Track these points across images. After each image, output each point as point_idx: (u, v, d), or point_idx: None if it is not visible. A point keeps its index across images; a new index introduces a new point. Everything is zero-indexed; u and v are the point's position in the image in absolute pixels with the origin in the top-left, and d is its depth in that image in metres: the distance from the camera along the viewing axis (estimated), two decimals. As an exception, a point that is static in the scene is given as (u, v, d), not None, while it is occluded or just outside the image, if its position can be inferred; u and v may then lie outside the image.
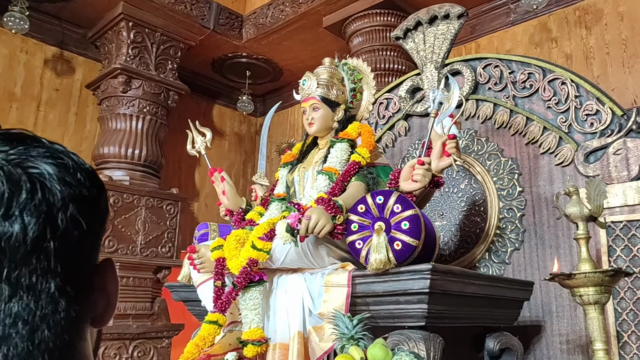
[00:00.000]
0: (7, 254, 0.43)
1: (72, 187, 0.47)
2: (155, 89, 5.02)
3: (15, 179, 0.45)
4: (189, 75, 5.86)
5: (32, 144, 0.48)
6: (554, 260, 1.71)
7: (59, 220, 0.46)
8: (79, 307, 0.48)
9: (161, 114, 5.14)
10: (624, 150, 2.10)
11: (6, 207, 0.43)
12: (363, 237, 1.65)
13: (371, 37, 4.80)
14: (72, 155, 0.49)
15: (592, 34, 3.92)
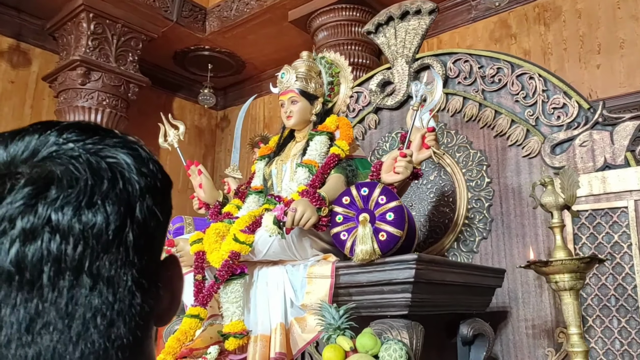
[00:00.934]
0: (90, 243, 0.41)
1: (147, 178, 0.47)
2: (115, 82, 4.89)
3: (96, 167, 0.44)
4: (149, 68, 5.74)
5: (106, 134, 0.47)
6: (530, 249, 1.77)
7: (138, 210, 0.45)
8: (152, 302, 0.46)
9: (121, 107, 5.02)
10: (590, 142, 2.20)
11: (89, 195, 0.42)
12: (348, 228, 1.68)
13: (336, 31, 4.83)
14: (144, 146, 0.49)
15: (550, 30, 4.07)
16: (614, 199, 2.08)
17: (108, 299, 0.42)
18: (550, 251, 2.23)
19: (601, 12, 3.83)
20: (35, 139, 0.44)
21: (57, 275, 0.40)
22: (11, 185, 0.41)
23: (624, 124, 2.13)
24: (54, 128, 0.45)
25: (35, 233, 0.40)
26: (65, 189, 0.41)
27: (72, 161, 0.43)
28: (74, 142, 0.45)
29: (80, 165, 0.43)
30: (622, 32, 3.70)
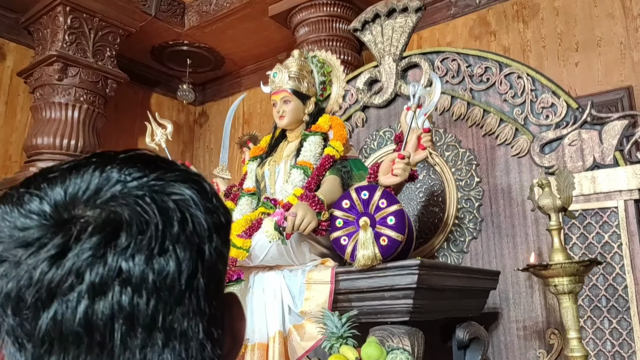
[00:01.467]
0: (163, 295, 0.38)
1: (213, 215, 0.44)
2: (93, 77, 4.77)
3: (164, 207, 0.40)
4: (126, 63, 5.61)
5: (167, 167, 0.44)
6: (531, 253, 1.79)
7: (207, 253, 0.42)
8: (219, 351, 0.43)
9: (99, 103, 4.89)
10: (579, 142, 2.23)
11: (161, 240, 0.39)
12: (348, 233, 1.66)
13: (317, 27, 4.79)
14: (205, 179, 0.46)
15: (529, 28, 4.12)
16: (604, 199, 2.11)
17: (180, 356, 0.39)
18: (541, 251, 2.28)
19: (578, 10, 3.88)
20: (97, 177, 0.41)
21: (129, 334, 0.37)
22: (77, 233, 0.38)
23: (612, 123, 2.17)
24: (114, 162, 0.42)
25: (105, 287, 0.37)
26: (135, 234, 0.38)
27: (139, 201, 0.40)
28: (138, 179, 0.41)
29: (147, 206, 0.40)
30: (598, 30, 3.76)
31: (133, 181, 0.41)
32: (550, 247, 2.23)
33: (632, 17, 3.60)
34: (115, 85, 5.09)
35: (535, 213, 2.31)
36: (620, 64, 3.62)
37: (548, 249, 2.25)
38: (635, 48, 3.57)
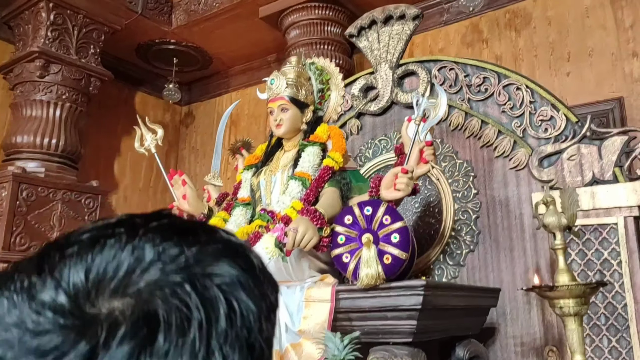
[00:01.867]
0: None
1: (264, 299, 0.37)
2: (76, 75, 4.64)
3: (208, 298, 0.34)
4: (111, 61, 5.46)
5: (205, 237, 0.37)
6: (534, 274, 1.76)
7: (257, 347, 0.35)
8: None
9: (81, 101, 4.76)
10: (578, 156, 2.21)
11: (206, 342, 0.32)
12: (350, 250, 1.61)
13: (309, 30, 4.73)
14: (249, 248, 0.39)
15: (521, 36, 4.11)
16: (603, 215, 2.09)
17: None
18: (539, 267, 2.25)
19: (571, 20, 3.89)
20: (127, 255, 0.34)
21: None
22: (105, 338, 0.31)
23: (612, 139, 2.15)
24: (145, 234, 0.35)
25: None
26: (175, 336, 0.32)
27: (178, 291, 0.33)
28: (175, 258, 0.34)
29: (188, 297, 0.33)
30: (590, 40, 3.77)
31: (170, 263, 0.34)
32: (548, 263, 2.22)
33: (624, 29, 3.61)
34: (98, 83, 4.97)
35: (533, 227, 2.28)
36: (612, 75, 3.63)
37: (546, 265, 2.23)
38: (626, 59, 3.58)
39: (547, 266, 2.23)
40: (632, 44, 3.55)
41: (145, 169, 6.16)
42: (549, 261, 2.22)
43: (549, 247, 1.73)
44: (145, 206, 6.10)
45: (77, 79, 4.65)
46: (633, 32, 3.56)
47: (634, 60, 3.53)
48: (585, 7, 3.80)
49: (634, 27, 3.56)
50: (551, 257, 2.21)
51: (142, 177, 6.13)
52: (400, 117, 2.80)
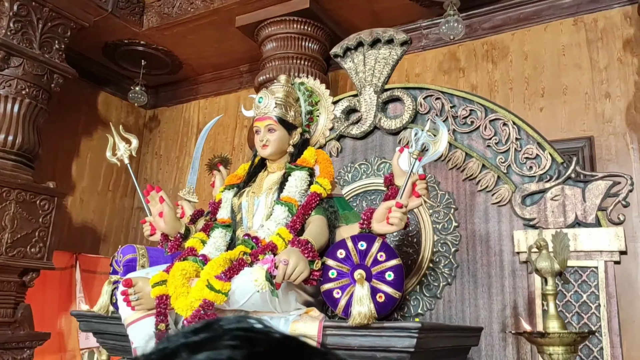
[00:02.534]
0: None
1: None
2: (38, 70, 4.40)
3: None
4: (74, 57, 5.22)
5: None
6: (522, 320, 1.73)
7: None
8: None
9: (42, 98, 4.52)
10: (562, 197, 2.21)
11: None
12: (342, 285, 1.54)
13: (286, 44, 4.67)
14: None
15: (497, 68, 4.18)
16: (584, 258, 2.10)
17: None
18: (516, 304, 2.23)
19: (547, 57, 3.98)
20: None
21: None
22: None
23: (596, 182, 2.17)
24: None
25: None
26: None
27: None
28: None
29: None
30: (565, 78, 3.86)
31: None
32: (526, 302, 2.21)
33: (598, 70, 3.72)
34: (61, 80, 4.73)
35: (512, 264, 2.27)
36: (584, 113, 3.72)
37: (524, 304, 2.21)
38: (599, 100, 3.68)
39: (524, 305, 2.21)
40: (606, 85, 3.66)
41: (105, 172, 5.91)
42: (526, 300, 2.21)
43: (542, 293, 1.71)
44: (103, 211, 5.84)
45: (38, 74, 4.41)
46: (607, 74, 3.67)
47: (606, 101, 3.63)
48: (562, 45, 3.89)
49: (608, 69, 3.67)
50: (529, 297, 2.20)
51: (101, 181, 5.88)
52: (382, 142, 2.77)
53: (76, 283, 5.39)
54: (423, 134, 1.71)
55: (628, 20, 3.66)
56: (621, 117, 3.55)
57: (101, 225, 5.87)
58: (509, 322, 2.23)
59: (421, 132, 1.72)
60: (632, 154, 3.48)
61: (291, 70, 4.60)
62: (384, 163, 2.69)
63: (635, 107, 3.54)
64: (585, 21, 3.83)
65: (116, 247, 5.98)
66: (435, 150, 1.69)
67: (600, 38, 3.74)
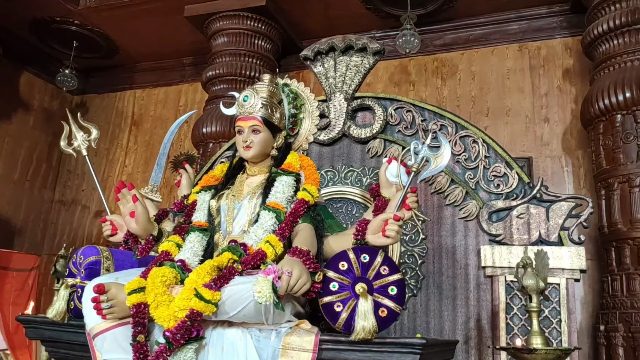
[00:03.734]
0: None
1: None
2: (-43, 43, 3.97)
3: None
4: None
5: None
6: (517, 337, 1.77)
7: None
8: None
9: (-40, 75, 4.09)
10: (527, 215, 2.31)
11: None
12: (343, 298, 1.49)
13: (237, 40, 4.55)
14: None
15: (446, 85, 4.32)
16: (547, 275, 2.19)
17: None
18: (480, 317, 2.30)
19: (492, 79, 4.17)
20: None
21: None
22: None
23: (559, 203, 2.28)
24: None
25: None
26: None
27: None
28: None
29: None
30: (509, 100, 4.07)
31: None
32: (489, 315, 2.28)
33: (539, 95, 3.95)
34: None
35: (477, 278, 2.34)
36: (524, 135, 3.93)
37: (487, 316, 2.28)
38: (538, 124, 3.90)
39: (487, 317, 2.28)
40: (545, 110, 3.89)
41: (24, 160, 5.44)
42: (489, 313, 2.28)
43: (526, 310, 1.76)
44: (19, 202, 5.36)
45: (-42, 47, 3.98)
46: (547, 100, 3.90)
47: (545, 125, 3.86)
48: (507, 68, 4.09)
49: (548, 95, 3.91)
50: (493, 310, 2.27)
51: (18, 169, 5.40)
52: (350, 150, 2.75)
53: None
54: (424, 147, 1.71)
55: (568, 51, 3.92)
56: (558, 141, 3.79)
57: (16, 218, 5.38)
58: (472, 334, 2.28)
59: (421, 146, 1.72)
60: (566, 176, 3.72)
61: (242, 67, 4.48)
62: (352, 171, 2.67)
63: (571, 132, 3.79)
64: (529, 48, 4.05)
65: (32, 242, 5.51)
66: (437, 164, 1.69)
67: (542, 65, 3.98)
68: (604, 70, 3.50)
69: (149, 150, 5.40)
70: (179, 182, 2.30)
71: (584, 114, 3.55)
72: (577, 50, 3.84)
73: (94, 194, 5.54)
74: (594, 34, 3.53)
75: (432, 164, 1.69)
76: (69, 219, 5.59)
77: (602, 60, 3.51)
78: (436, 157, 1.70)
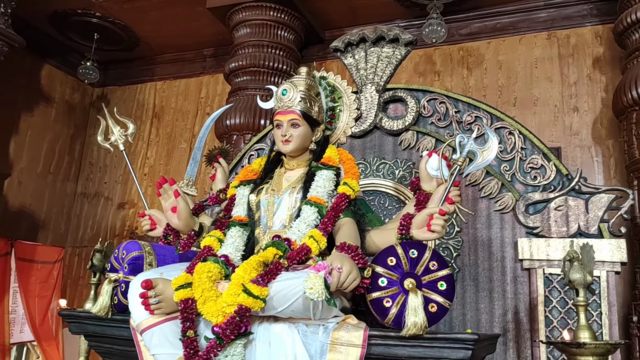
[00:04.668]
0: None
1: None
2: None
3: None
4: (17, 24, 4.74)
5: None
6: (565, 330, 1.75)
7: None
8: None
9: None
10: (565, 208, 2.27)
11: None
12: (391, 294, 1.48)
13: (260, 31, 4.52)
14: None
15: (472, 75, 4.26)
16: (588, 268, 2.16)
17: None
18: (517, 310, 2.28)
19: (520, 68, 4.10)
20: None
21: None
22: None
23: (599, 195, 2.24)
24: None
25: None
26: None
27: None
28: None
29: None
30: (537, 90, 4.00)
31: None
32: (527, 308, 2.26)
33: (568, 84, 3.88)
34: (6, 49, 4.34)
35: (515, 271, 2.31)
36: (553, 125, 3.87)
37: (525, 309, 2.26)
38: (567, 113, 3.84)
39: (525, 310, 2.26)
40: (574, 99, 3.83)
41: (46, 153, 5.49)
42: (527, 306, 2.26)
43: (573, 304, 1.74)
44: (42, 194, 5.41)
45: (-17, 40, 4.01)
46: (576, 89, 3.84)
47: (574, 114, 3.80)
48: (535, 58, 4.03)
49: (578, 84, 3.84)
50: (531, 303, 2.25)
51: (41, 162, 5.44)
52: (382, 143, 2.73)
53: (11, 272, 4.96)
54: (470, 140, 1.69)
55: (599, 39, 3.85)
56: (587, 131, 3.73)
57: (40, 211, 5.43)
58: (510, 327, 2.27)
59: (467, 139, 1.70)
60: (596, 166, 3.67)
61: (265, 59, 4.46)
62: (384, 164, 2.65)
63: (601, 122, 3.73)
64: (558, 36, 3.98)
65: (56, 235, 5.57)
66: (485, 158, 1.67)
67: (572, 54, 3.91)
68: (638, 58, 3.43)
69: (171, 143, 5.41)
70: (214, 175, 2.30)
71: (615, 103, 3.49)
72: (608, 38, 3.77)
73: (116, 186, 5.57)
74: (626, 21, 3.46)
75: (478, 158, 1.67)
76: (92, 211, 5.63)
77: (636, 48, 3.44)
78: (483, 150, 1.67)
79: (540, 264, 2.26)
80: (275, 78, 4.45)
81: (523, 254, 2.29)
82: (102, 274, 2.21)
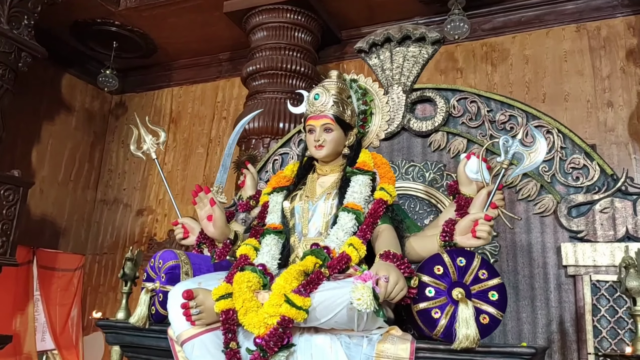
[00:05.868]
0: None
1: None
2: (6, 47, 3.99)
3: None
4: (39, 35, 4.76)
5: None
6: (625, 344, 1.65)
7: None
8: None
9: (8, 78, 4.10)
10: (611, 210, 2.16)
11: None
12: (440, 304, 1.39)
13: (277, 33, 4.46)
14: None
15: (497, 71, 4.15)
16: (638, 272, 2.05)
17: None
18: (562, 320, 2.17)
19: (548, 62, 3.98)
20: None
21: None
22: None
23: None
24: None
25: None
26: None
27: None
28: None
29: None
30: (567, 85, 3.88)
31: None
32: (573, 318, 2.15)
33: (601, 78, 3.75)
34: (29, 59, 4.32)
35: (558, 278, 2.21)
36: (586, 121, 3.74)
37: (571, 319, 2.15)
38: (601, 108, 3.71)
39: (571, 320, 2.15)
40: (608, 94, 3.70)
41: (67, 161, 5.48)
42: (573, 315, 2.15)
43: (630, 313, 1.63)
44: (63, 203, 5.41)
45: (6, 51, 3.99)
46: (610, 83, 3.70)
47: (608, 110, 3.67)
48: (564, 51, 3.90)
49: (611, 77, 3.71)
50: (577, 312, 2.14)
51: (62, 170, 5.44)
52: (410, 144, 2.64)
53: (33, 280, 4.96)
54: (515, 142, 1.60)
55: (631, 30, 3.72)
56: (624, 127, 3.60)
57: (61, 219, 5.43)
58: (554, 337, 2.16)
59: (512, 141, 1.61)
60: (634, 163, 3.54)
61: (282, 61, 4.40)
62: (413, 166, 2.57)
63: (638, 117, 3.60)
64: (588, 28, 3.86)
65: (76, 242, 5.56)
66: (532, 160, 1.58)
67: (603, 46, 3.78)
68: (674, 49, 3.30)
69: (188, 148, 5.38)
70: (243, 182, 2.24)
71: (651, 97, 3.37)
72: (640, 29, 3.64)
73: (134, 192, 5.55)
74: (661, 11, 3.34)
75: (525, 160, 1.58)
76: (112, 218, 5.62)
77: (671, 39, 3.32)
78: (530, 152, 1.58)
79: (587, 270, 2.14)
80: (293, 80, 4.38)
81: (567, 260, 2.18)
82: (132, 283, 2.16)
